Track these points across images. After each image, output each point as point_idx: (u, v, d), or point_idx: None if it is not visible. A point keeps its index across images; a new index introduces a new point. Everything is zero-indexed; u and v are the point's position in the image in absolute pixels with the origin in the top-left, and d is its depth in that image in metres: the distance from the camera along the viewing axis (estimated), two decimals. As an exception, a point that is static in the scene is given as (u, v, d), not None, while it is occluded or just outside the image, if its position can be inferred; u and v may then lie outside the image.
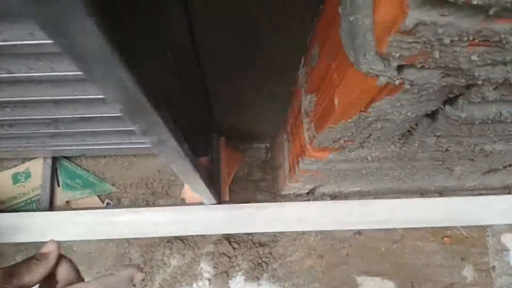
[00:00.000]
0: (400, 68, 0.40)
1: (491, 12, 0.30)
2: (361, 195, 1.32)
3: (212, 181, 1.24)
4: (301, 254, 1.35)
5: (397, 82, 0.41)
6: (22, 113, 0.89)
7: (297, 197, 1.31)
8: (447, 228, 1.34)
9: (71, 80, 0.77)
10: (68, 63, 0.71)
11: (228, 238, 1.33)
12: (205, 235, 1.31)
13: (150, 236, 1.20)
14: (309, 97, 0.68)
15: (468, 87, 0.45)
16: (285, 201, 1.31)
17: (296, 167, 0.88)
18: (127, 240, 1.30)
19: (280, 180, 1.26)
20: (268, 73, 0.89)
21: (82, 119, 0.94)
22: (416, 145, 0.66)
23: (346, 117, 0.53)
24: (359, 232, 1.37)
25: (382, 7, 0.35)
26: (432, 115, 0.56)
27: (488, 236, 1.36)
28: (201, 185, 0.83)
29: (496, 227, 1.35)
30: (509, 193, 1.35)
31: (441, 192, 1.36)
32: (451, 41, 0.33)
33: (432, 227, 1.33)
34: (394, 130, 0.59)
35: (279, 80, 0.92)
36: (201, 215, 1.19)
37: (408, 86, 0.42)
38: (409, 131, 0.62)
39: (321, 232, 1.36)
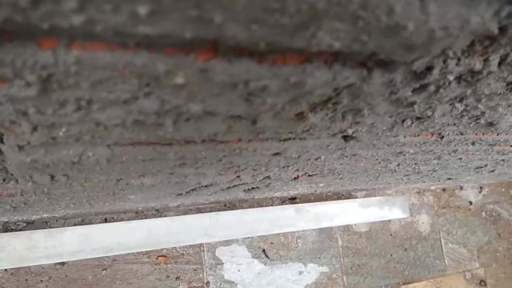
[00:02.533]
0: None
1: None
2: (56, 219, 1.13)
3: None
4: (-18, 297, 1.08)
5: None
6: None
7: (-30, 228, 1.03)
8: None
9: None
10: None
11: None
12: None
13: None
14: None
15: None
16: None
17: None
18: None
19: None
20: None
21: None
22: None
23: None
24: (62, 263, 1.17)
25: None
26: None
27: (203, 251, 1.34)
28: None
29: (211, 242, 1.35)
30: (227, 207, 1.37)
31: (158, 209, 1.29)
32: None
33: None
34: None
35: None
36: None
37: None
38: None
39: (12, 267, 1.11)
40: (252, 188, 1.01)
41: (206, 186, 0.83)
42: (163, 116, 0.31)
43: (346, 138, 0.54)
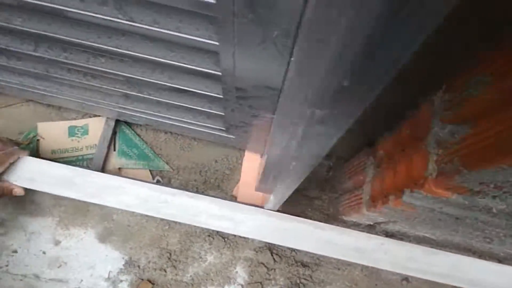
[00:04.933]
0: None
1: None
2: (421, 241, 1.23)
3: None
4: (342, 285, 1.27)
5: None
6: (116, 67, 0.83)
7: (351, 226, 1.23)
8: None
9: (186, 46, 0.69)
10: (197, 27, 0.64)
11: (271, 248, 1.26)
12: (248, 238, 1.24)
13: (196, 224, 1.11)
14: (451, 126, 0.60)
15: None
16: (342, 226, 1.22)
17: (388, 197, 0.81)
18: (168, 223, 1.24)
19: (343, 204, 1.19)
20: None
21: (173, 89, 0.87)
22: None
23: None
24: (406, 279, 1.28)
25: None
26: None
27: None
28: (290, 190, 0.76)
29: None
30: None
31: (501, 260, 1.26)
32: None
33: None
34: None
35: (389, 100, 0.84)
36: (254, 218, 1.11)
37: None
38: None
39: (367, 268, 1.28)
40: None
41: None
42: None
43: None
